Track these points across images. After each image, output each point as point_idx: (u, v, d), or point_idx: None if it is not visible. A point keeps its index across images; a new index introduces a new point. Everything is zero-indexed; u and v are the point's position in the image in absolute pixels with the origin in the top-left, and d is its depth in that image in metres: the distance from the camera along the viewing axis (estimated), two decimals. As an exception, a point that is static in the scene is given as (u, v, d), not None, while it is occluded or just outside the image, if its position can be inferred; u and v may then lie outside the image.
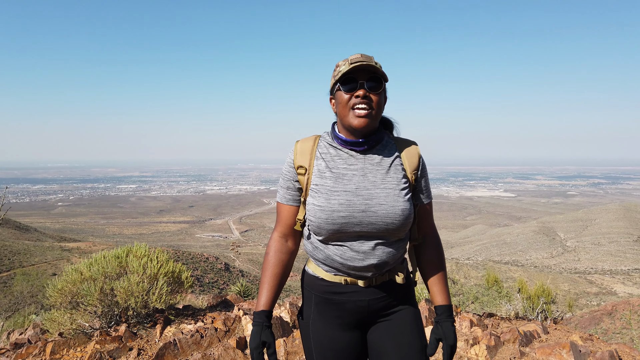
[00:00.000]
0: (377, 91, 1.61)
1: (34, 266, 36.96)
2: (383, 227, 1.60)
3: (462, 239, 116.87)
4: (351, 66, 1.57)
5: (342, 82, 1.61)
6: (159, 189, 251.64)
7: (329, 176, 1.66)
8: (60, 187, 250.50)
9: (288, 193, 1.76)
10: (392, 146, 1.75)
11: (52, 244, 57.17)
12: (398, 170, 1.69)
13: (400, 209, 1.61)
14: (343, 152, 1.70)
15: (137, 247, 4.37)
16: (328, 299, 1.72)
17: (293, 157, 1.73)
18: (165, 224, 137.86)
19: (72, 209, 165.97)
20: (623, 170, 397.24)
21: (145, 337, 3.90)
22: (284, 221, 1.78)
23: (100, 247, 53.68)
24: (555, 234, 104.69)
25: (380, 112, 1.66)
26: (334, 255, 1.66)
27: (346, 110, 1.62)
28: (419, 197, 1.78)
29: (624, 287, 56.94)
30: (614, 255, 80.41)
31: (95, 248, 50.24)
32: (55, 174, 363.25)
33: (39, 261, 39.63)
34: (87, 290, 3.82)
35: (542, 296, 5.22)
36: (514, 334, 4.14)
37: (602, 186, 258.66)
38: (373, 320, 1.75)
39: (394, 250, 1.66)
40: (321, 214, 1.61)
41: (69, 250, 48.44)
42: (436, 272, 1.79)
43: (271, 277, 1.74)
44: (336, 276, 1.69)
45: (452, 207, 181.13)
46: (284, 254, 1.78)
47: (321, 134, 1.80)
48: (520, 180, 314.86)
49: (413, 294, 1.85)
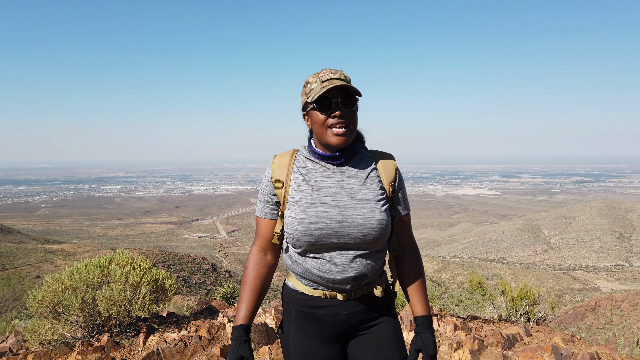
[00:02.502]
0: (351, 108, 1.62)
1: (17, 269, 36.37)
2: (360, 238, 1.62)
3: (449, 237, 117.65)
4: (323, 89, 1.58)
5: (316, 101, 1.62)
6: (144, 189, 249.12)
7: (307, 189, 1.68)
8: (43, 188, 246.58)
9: (266, 207, 1.77)
10: (368, 158, 1.77)
11: (35, 246, 56.28)
12: (375, 182, 1.71)
13: (376, 220, 1.63)
14: (320, 166, 1.72)
15: (119, 255, 4.32)
16: (307, 312, 1.73)
17: (271, 172, 1.75)
18: (151, 225, 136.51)
19: (56, 211, 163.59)
20: (605, 168, 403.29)
21: (128, 347, 3.86)
22: (263, 235, 1.80)
23: (85, 248, 52.99)
24: (539, 231, 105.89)
25: (356, 128, 1.69)
26: (312, 268, 1.67)
27: (323, 129, 1.64)
28: (397, 209, 1.80)
29: (607, 283, 57.84)
30: (596, 251, 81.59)
31: (79, 250, 49.62)
32: (38, 175, 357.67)
33: (22, 263, 38.99)
34: (68, 300, 3.77)
35: (525, 298, 5.28)
36: (497, 337, 4.19)
37: (585, 184, 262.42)
38: (353, 333, 1.77)
39: (372, 262, 1.68)
40: (298, 226, 1.62)
41: (52, 252, 47.73)
42: (415, 282, 1.81)
43: (250, 292, 1.76)
44: (315, 290, 1.71)
45: (438, 205, 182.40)
46: (263, 268, 1.79)
47: (299, 148, 1.82)
48: (505, 178, 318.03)
49: (393, 306, 1.86)
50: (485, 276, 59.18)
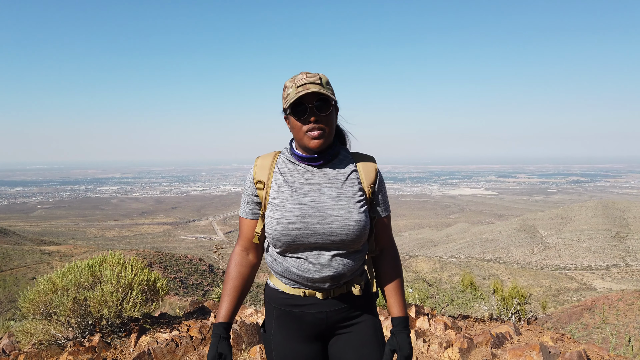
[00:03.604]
0: (326, 112, 1.66)
1: (13, 270, 36.24)
2: (337, 239, 1.65)
3: (446, 237, 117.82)
4: (297, 95, 1.61)
5: (292, 107, 1.66)
6: (141, 190, 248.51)
7: (287, 190, 1.71)
8: (39, 190, 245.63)
9: (248, 207, 1.81)
10: (348, 160, 1.81)
11: (31, 247, 56.06)
12: (354, 184, 1.74)
13: (354, 221, 1.66)
14: (300, 167, 1.76)
15: (111, 256, 4.34)
16: (288, 311, 1.76)
17: (253, 173, 1.79)
18: (147, 226, 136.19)
19: (52, 212, 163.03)
20: (601, 168, 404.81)
21: (119, 347, 3.88)
22: (245, 235, 1.83)
23: (81, 249, 52.81)
24: (536, 231, 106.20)
25: (333, 130, 1.72)
26: (291, 267, 1.70)
27: (301, 134, 1.68)
28: (376, 210, 1.83)
29: (603, 282, 58.07)
30: (593, 251, 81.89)
31: (76, 251, 49.46)
32: (34, 176, 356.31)
33: (18, 265, 38.85)
34: (60, 301, 3.79)
35: (516, 297, 5.32)
36: (486, 336, 4.22)
37: (581, 183, 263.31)
38: (333, 332, 1.80)
39: (350, 261, 1.71)
40: (277, 226, 1.66)
41: (49, 253, 47.56)
42: (393, 284, 1.84)
43: (231, 290, 1.79)
44: (295, 289, 1.74)
45: (435, 205, 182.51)
46: (245, 267, 1.83)
47: (281, 150, 1.86)
48: (501, 178, 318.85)
49: (374, 305, 1.89)
50: (482, 276, 59.40)
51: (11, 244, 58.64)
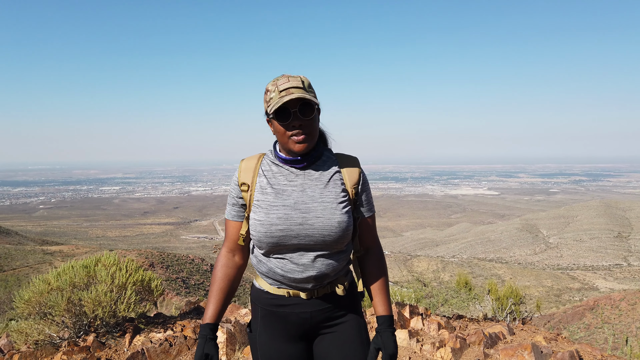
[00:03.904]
0: (310, 117, 1.67)
1: (15, 270, 36.33)
2: (320, 240, 1.67)
3: (447, 237, 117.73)
4: (282, 101, 1.62)
5: (276, 112, 1.67)
6: (142, 190, 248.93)
7: (270, 192, 1.73)
8: (41, 190, 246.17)
9: (233, 209, 1.84)
10: (332, 162, 1.82)
11: (33, 247, 56.16)
12: (337, 185, 1.76)
13: (336, 222, 1.68)
14: (284, 169, 1.78)
15: (106, 256, 4.37)
16: (272, 311, 1.79)
17: (237, 175, 1.81)
18: (149, 226, 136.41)
19: (54, 212, 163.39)
20: (603, 168, 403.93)
21: (113, 347, 3.91)
22: (231, 236, 1.86)
23: (83, 249, 52.89)
24: (538, 230, 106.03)
25: (316, 133, 1.74)
26: (275, 267, 1.73)
27: (285, 138, 1.70)
28: (360, 211, 1.85)
29: (606, 282, 57.98)
30: (595, 251, 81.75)
31: (78, 251, 49.56)
32: (36, 176, 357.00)
33: (21, 265, 38.92)
34: (54, 301, 3.82)
35: (511, 297, 5.33)
36: (479, 336, 4.24)
37: (583, 183, 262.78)
38: (317, 331, 1.82)
39: (334, 262, 1.73)
40: (260, 228, 1.68)
41: (51, 253, 47.64)
42: (378, 283, 1.86)
43: (217, 291, 1.82)
44: (279, 289, 1.76)
45: (436, 205, 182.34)
46: (231, 269, 1.85)
47: (266, 152, 1.87)
48: (503, 178, 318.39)
49: (358, 305, 1.91)
50: (484, 276, 59.34)
51: (13, 244, 58.76)
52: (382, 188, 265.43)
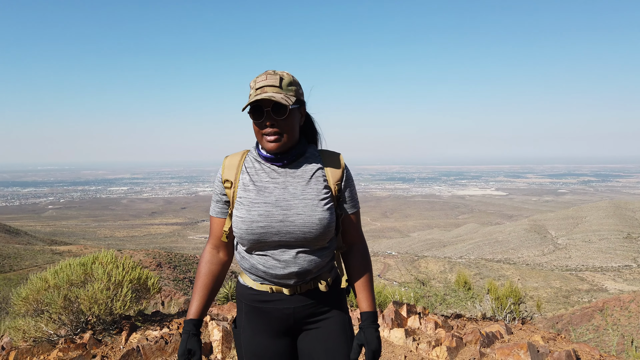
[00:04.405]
0: (283, 117, 1.66)
1: (24, 270, 36.67)
2: (301, 236, 1.67)
3: (455, 238, 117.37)
4: (253, 99, 1.63)
5: (250, 110, 1.68)
6: (150, 190, 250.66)
7: (252, 189, 1.74)
8: (50, 190, 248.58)
9: (217, 206, 1.84)
10: (315, 158, 1.82)
11: (42, 247, 56.69)
12: (319, 182, 1.76)
13: (317, 218, 1.68)
14: (266, 167, 1.78)
15: (104, 254, 4.40)
16: (256, 307, 1.79)
17: (221, 172, 1.82)
18: (157, 226, 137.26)
19: (62, 212, 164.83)
20: (612, 168, 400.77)
21: (110, 344, 3.93)
22: (215, 233, 1.87)
23: (91, 250, 53.31)
24: (546, 231, 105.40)
25: (292, 133, 1.73)
26: (257, 264, 1.73)
27: (259, 136, 1.72)
28: (344, 207, 1.84)
29: (615, 283, 57.49)
30: (604, 252, 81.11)
31: (86, 251, 49.91)
32: (45, 177, 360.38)
33: (30, 265, 39.27)
34: (51, 299, 3.85)
35: (510, 296, 5.30)
36: (475, 335, 4.22)
37: (592, 184, 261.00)
38: (301, 327, 1.82)
39: (316, 258, 1.73)
40: (242, 225, 1.69)
41: (59, 253, 48.01)
42: (362, 280, 1.86)
43: (201, 288, 1.83)
44: (263, 285, 1.77)
45: (444, 206, 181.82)
46: (215, 265, 1.86)
47: (250, 149, 1.88)
48: (511, 178, 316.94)
49: (343, 301, 1.91)
50: (491, 277, 59.02)
51: (23, 244, 59.32)
52: (389, 189, 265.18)
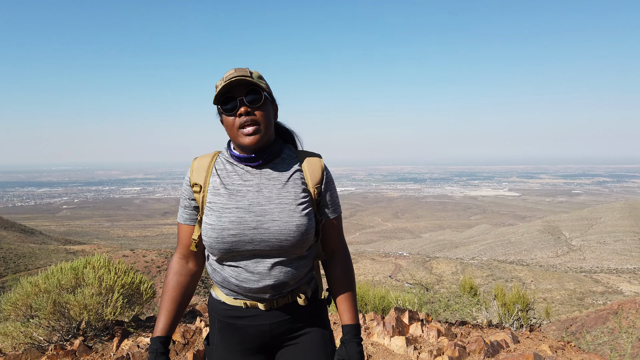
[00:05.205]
0: (258, 104, 1.54)
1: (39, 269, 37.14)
2: (277, 245, 1.53)
3: (467, 239, 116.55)
4: (223, 84, 1.50)
5: (222, 103, 1.55)
6: (163, 191, 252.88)
7: (223, 193, 1.59)
8: (65, 190, 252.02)
9: (185, 212, 1.69)
10: (292, 159, 1.68)
11: (57, 246, 57.49)
12: (297, 185, 1.61)
13: (294, 225, 1.53)
14: (239, 168, 1.63)
15: (96, 258, 4.30)
16: (230, 323, 1.65)
17: (190, 175, 1.67)
18: (169, 226, 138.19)
19: (76, 212, 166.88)
20: (628, 169, 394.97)
21: (100, 351, 3.83)
22: (183, 242, 1.72)
23: (105, 249, 53.87)
24: (560, 233, 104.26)
25: (269, 125, 1.59)
26: (229, 277, 1.58)
27: (234, 131, 1.56)
28: (324, 212, 1.69)
29: (630, 285, 56.56)
30: (619, 253, 79.96)
31: (100, 251, 50.49)
32: (60, 177, 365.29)
33: (44, 264, 39.74)
34: (40, 304, 3.75)
35: (518, 303, 5.10)
36: (479, 344, 4.04)
37: (607, 184, 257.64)
38: (278, 344, 1.68)
39: (293, 269, 1.58)
40: (212, 233, 1.54)
41: (73, 253, 48.60)
42: (343, 290, 1.71)
43: (169, 302, 1.68)
44: (236, 300, 1.62)
45: (456, 206, 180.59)
46: (184, 277, 1.71)
47: (221, 150, 1.73)
48: (524, 179, 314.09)
49: (323, 314, 1.76)
50: (504, 279, 58.44)
51: (38, 244, 60.15)
52: (401, 189, 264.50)
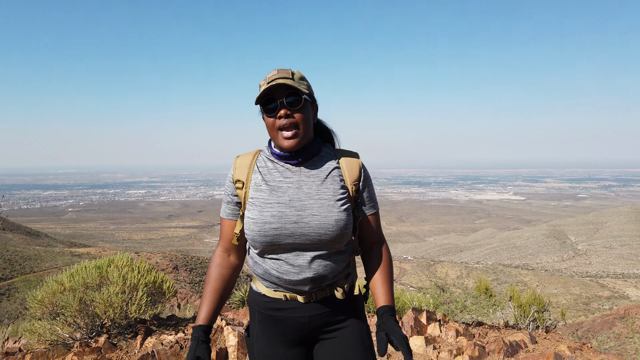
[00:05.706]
0: (297, 107, 1.60)
1: (44, 272, 37.28)
2: (316, 239, 1.58)
3: (472, 243, 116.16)
4: (266, 87, 1.57)
5: (263, 104, 1.61)
6: (167, 194, 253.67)
7: (265, 189, 1.66)
8: (70, 193, 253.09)
9: (228, 207, 1.77)
10: (331, 157, 1.74)
11: (62, 249, 57.62)
12: (336, 182, 1.67)
13: (333, 220, 1.59)
14: (279, 166, 1.71)
15: (119, 257, 4.37)
16: (270, 315, 1.70)
17: (232, 172, 1.75)
18: (174, 229, 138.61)
19: (82, 215, 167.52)
20: (634, 173, 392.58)
21: (125, 348, 3.89)
22: (225, 236, 1.79)
23: (110, 252, 54.00)
24: (565, 237, 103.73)
25: (308, 127, 1.65)
26: (270, 269, 1.64)
27: (274, 132, 1.63)
28: (361, 209, 1.75)
29: (637, 290, 56.21)
30: (626, 258, 79.45)
31: (105, 253, 50.53)
32: (65, 180, 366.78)
33: (50, 267, 39.88)
34: (66, 302, 3.82)
35: (534, 304, 5.13)
36: (499, 344, 4.07)
37: (613, 188, 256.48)
38: (317, 336, 1.72)
39: (331, 263, 1.63)
40: (254, 226, 1.60)
41: (79, 255, 48.70)
42: (381, 277, 1.73)
43: (211, 292, 1.74)
44: (276, 292, 1.68)
45: (460, 210, 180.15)
46: (225, 269, 1.78)
47: (262, 149, 1.80)
48: (529, 183, 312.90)
49: (361, 309, 1.80)
50: (509, 283, 58.12)
51: (43, 246, 60.36)
52: (405, 193, 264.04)
